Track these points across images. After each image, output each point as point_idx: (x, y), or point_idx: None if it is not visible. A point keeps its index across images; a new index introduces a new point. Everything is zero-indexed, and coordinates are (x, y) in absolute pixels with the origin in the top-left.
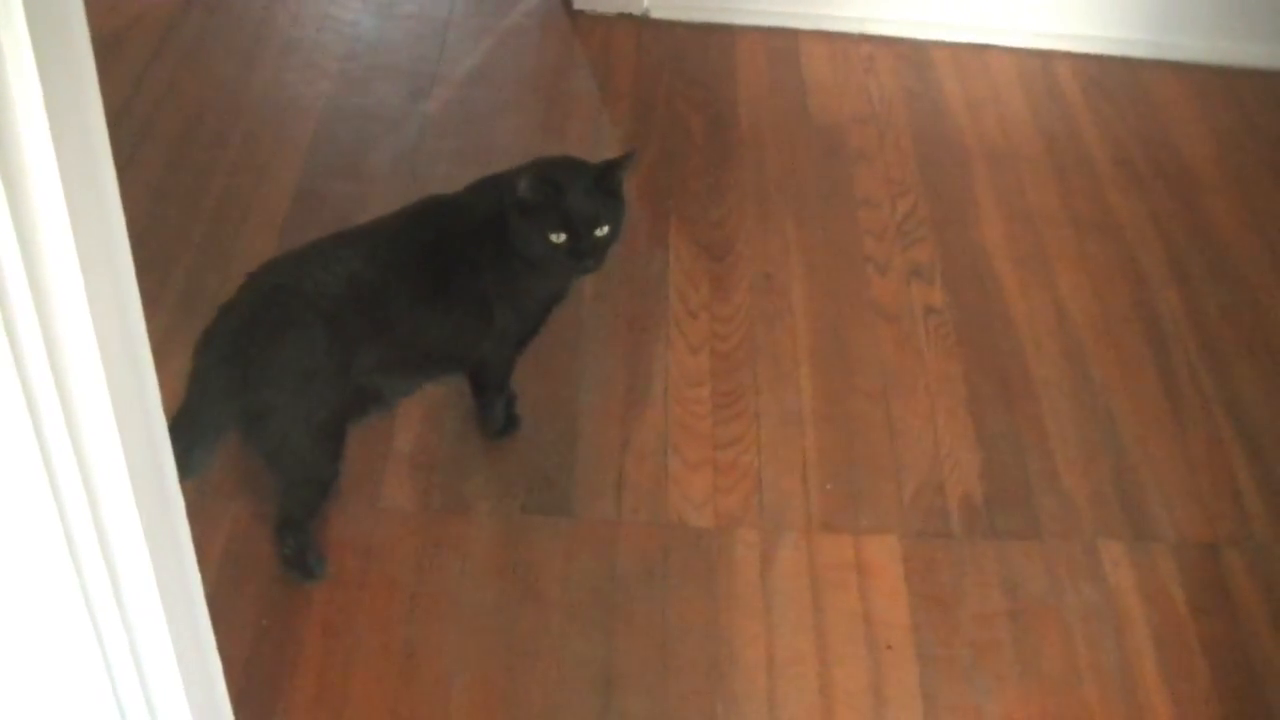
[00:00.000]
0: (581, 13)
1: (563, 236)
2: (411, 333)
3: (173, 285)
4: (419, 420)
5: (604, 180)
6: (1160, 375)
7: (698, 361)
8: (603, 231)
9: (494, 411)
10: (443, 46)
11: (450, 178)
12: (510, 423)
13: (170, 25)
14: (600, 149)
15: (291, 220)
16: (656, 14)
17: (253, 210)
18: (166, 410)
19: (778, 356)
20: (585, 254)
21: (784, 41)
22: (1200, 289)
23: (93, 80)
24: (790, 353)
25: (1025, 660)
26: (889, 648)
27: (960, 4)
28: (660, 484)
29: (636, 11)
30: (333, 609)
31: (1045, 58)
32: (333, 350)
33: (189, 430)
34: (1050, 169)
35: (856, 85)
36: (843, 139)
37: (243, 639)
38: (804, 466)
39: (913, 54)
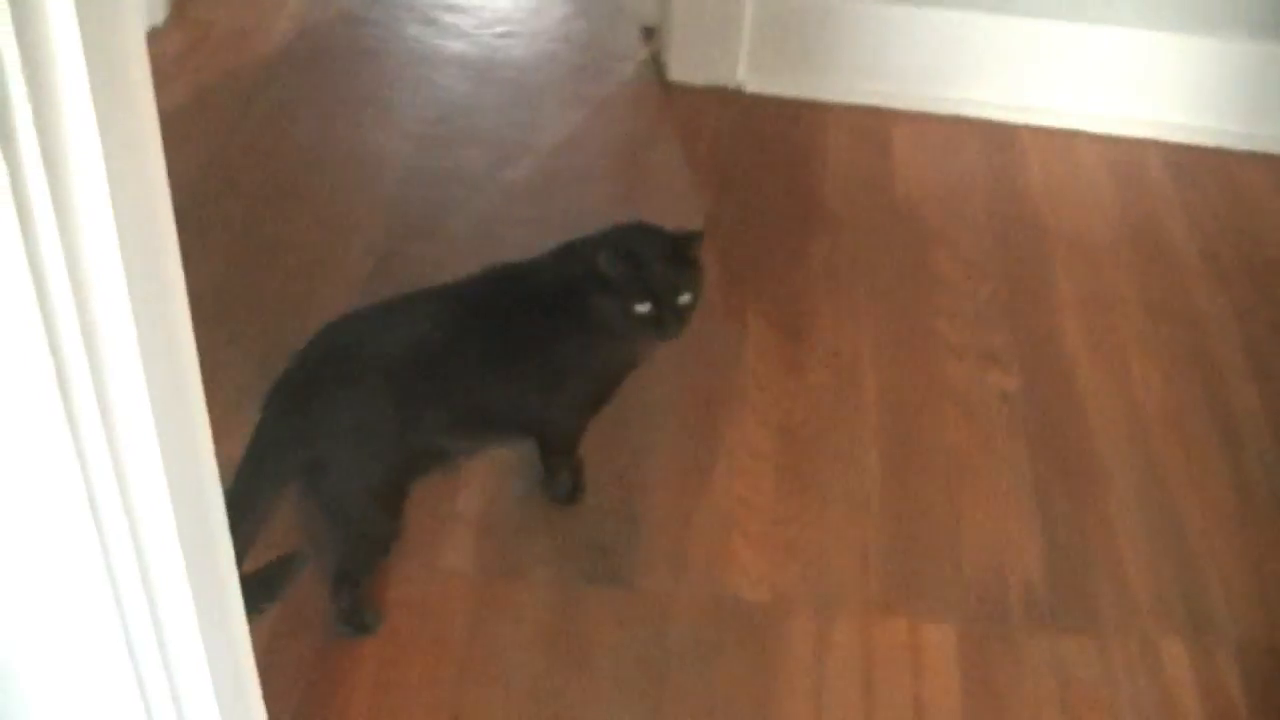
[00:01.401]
0: (676, 84)
1: (647, 306)
2: (477, 397)
3: (248, 342)
4: (482, 482)
5: (682, 249)
6: (1231, 472)
7: (765, 437)
8: (685, 299)
9: (560, 477)
10: (534, 113)
11: (529, 244)
12: (576, 490)
13: (259, 85)
14: (682, 221)
15: (371, 279)
16: (750, 88)
17: (331, 269)
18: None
19: (846, 435)
20: (669, 322)
21: (874, 120)
22: (1279, 386)
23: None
24: (858, 432)
25: None
26: None
27: (1051, 89)
28: (718, 558)
29: (731, 85)
30: (383, 667)
31: (1135, 145)
32: (394, 409)
33: (251, 478)
34: (1132, 257)
35: (942, 166)
36: (924, 220)
37: (292, 693)
38: (864, 547)
39: (1001, 137)
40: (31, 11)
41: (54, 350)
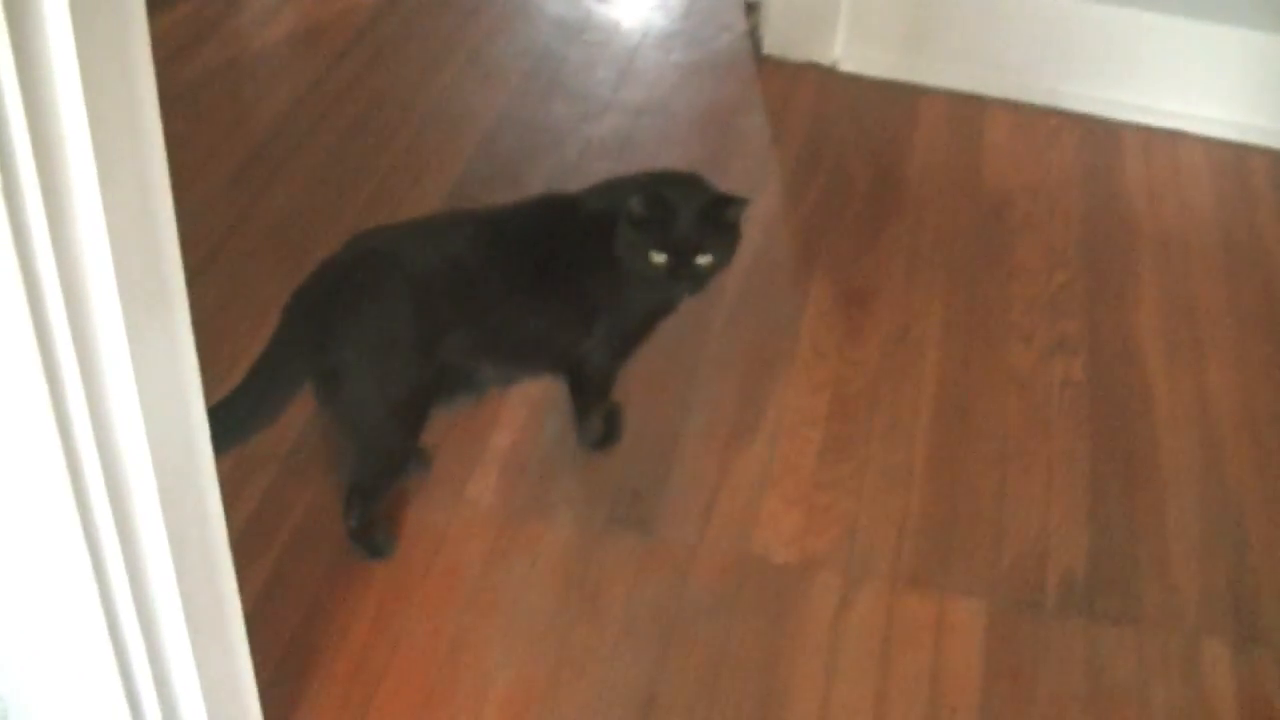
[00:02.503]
0: (769, 57)
1: (664, 257)
2: (505, 322)
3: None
4: (520, 420)
5: (718, 209)
6: None
7: (816, 401)
8: (705, 260)
9: (590, 421)
10: (623, 75)
11: None
12: (609, 436)
13: (367, 25)
14: (762, 190)
15: None
16: (845, 66)
17: (402, 209)
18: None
19: (899, 408)
20: (683, 278)
21: (969, 106)
22: None
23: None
24: (913, 406)
25: None
26: (953, 711)
27: (1156, 86)
28: (751, 516)
29: (825, 61)
30: (391, 591)
31: (1239, 150)
32: (416, 323)
33: (265, 378)
34: (1223, 262)
35: (1035, 157)
36: (1010, 207)
37: (297, 610)
38: (902, 518)
39: (1101, 132)
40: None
41: (45, 353)
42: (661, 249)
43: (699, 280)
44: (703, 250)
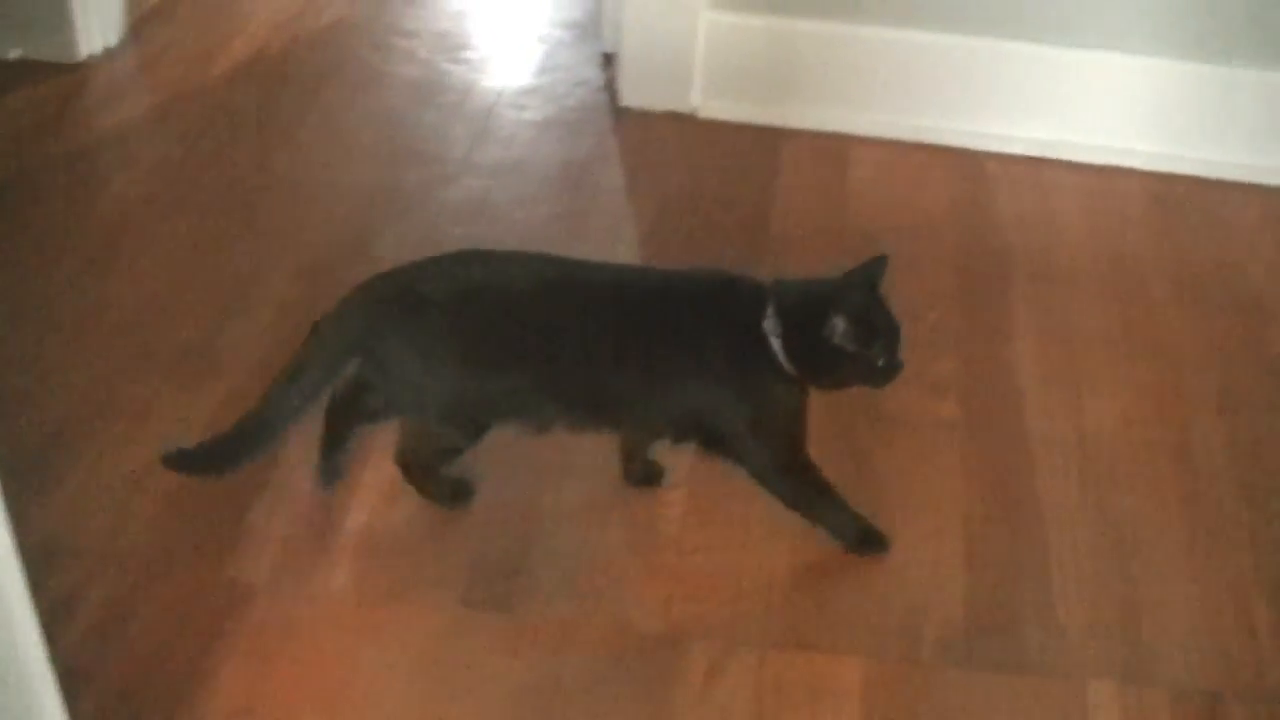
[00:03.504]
0: (627, 109)
1: (882, 360)
2: (580, 376)
3: (164, 358)
4: (371, 502)
5: (876, 288)
6: (1186, 509)
7: (677, 463)
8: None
9: (829, 523)
10: (478, 136)
11: None
12: (870, 542)
13: (217, 102)
14: (619, 246)
15: (294, 300)
16: (704, 113)
17: (264, 286)
18: None
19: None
20: (894, 374)
21: (833, 145)
22: (1249, 422)
23: None
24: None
25: None
26: None
27: (1021, 115)
28: (617, 587)
29: (684, 110)
30: (243, 693)
31: (1110, 174)
32: (454, 348)
33: (305, 362)
34: (1101, 289)
35: (902, 194)
36: (878, 246)
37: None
38: (771, 578)
39: (967, 164)
40: None
41: None
42: (881, 358)
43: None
44: (899, 331)
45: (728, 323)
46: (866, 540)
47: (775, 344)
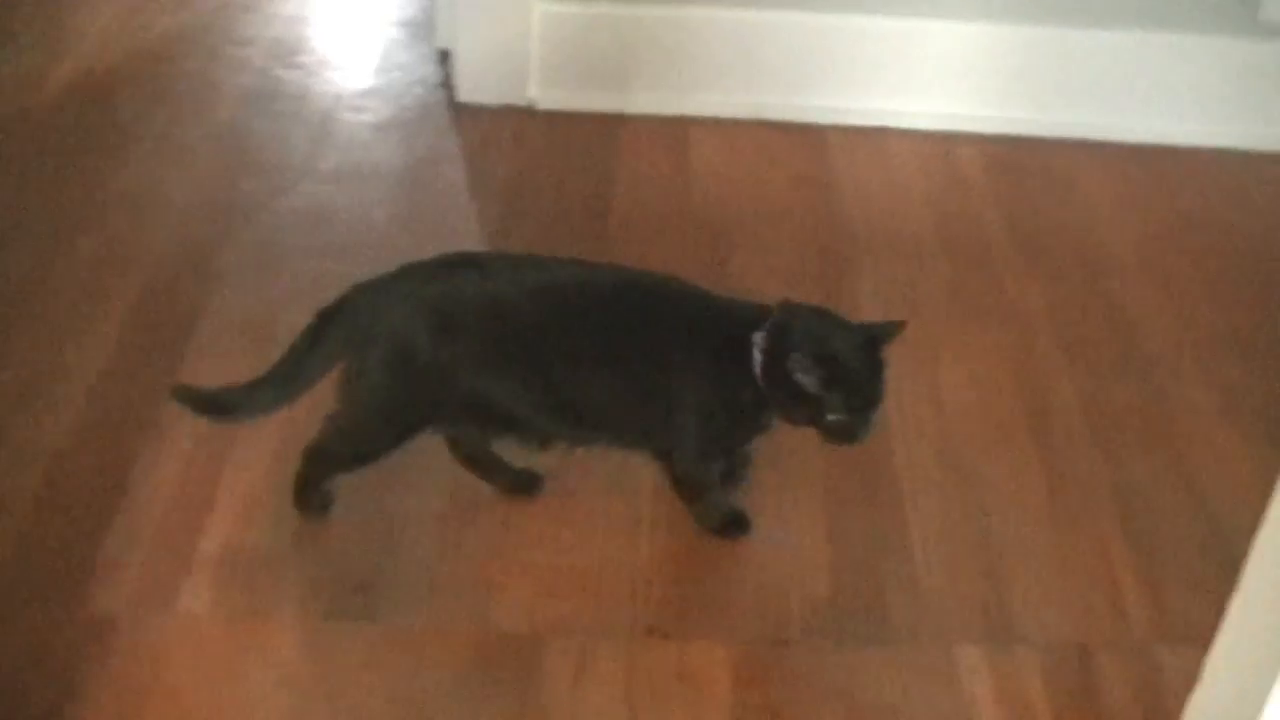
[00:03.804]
0: (466, 105)
1: (837, 415)
2: (566, 385)
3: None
4: (229, 521)
5: (878, 350)
6: (1045, 471)
7: (536, 462)
8: (877, 411)
9: (697, 510)
10: (316, 142)
11: (302, 274)
12: (734, 524)
13: (47, 124)
14: (464, 242)
15: (138, 318)
16: (543, 105)
17: (106, 305)
18: None
19: (620, 457)
20: (860, 430)
21: (673, 129)
22: (1101, 381)
23: None
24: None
25: None
26: None
27: (859, 87)
28: (481, 589)
29: (522, 103)
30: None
31: (948, 140)
32: (433, 349)
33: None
34: (945, 257)
35: (744, 173)
36: (724, 227)
37: None
38: (634, 571)
39: (807, 139)
40: None
41: None
42: (841, 412)
43: (869, 429)
44: (881, 397)
45: (722, 327)
46: (731, 523)
47: (756, 356)
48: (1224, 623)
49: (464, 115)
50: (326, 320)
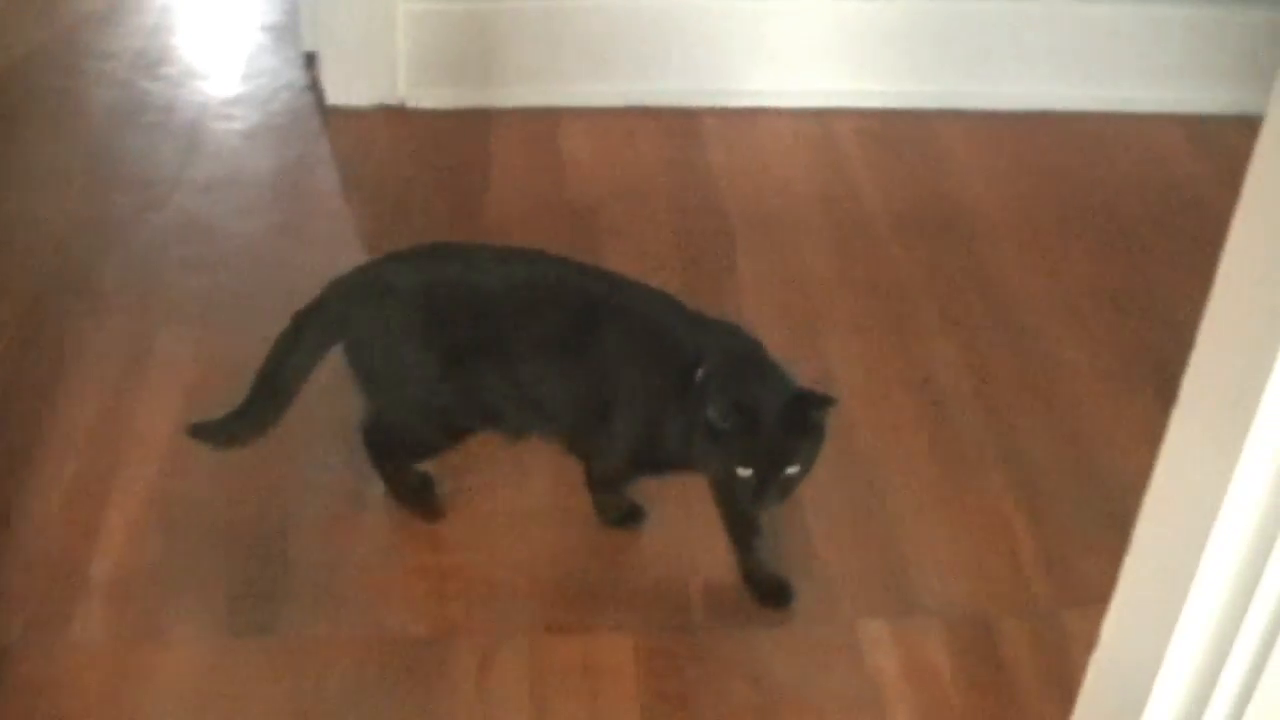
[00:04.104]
0: (335, 108)
1: (749, 472)
2: (528, 375)
3: None
4: (118, 543)
5: (803, 413)
6: (934, 439)
7: (427, 463)
8: (793, 471)
9: (601, 500)
10: (186, 153)
11: (180, 287)
12: (630, 516)
13: None
14: (343, 247)
15: (15, 344)
16: (413, 103)
17: None
18: None
19: (519, 450)
20: (768, 493)
21: (542, 122)
22: (982, 343)
23: None
24: (532, 444)
25: None
26: None
27: (728, 68)
28: (378, 594)
29: (392, 102)
30: None
31: (821, 117)
32: (424, 333)
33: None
34: (825, 231)
35: (616, 161)
36: (597, 217)
37: None
38: (532, 566)
39: (679, 124)
40: None
41: None
42: (747, 464)
43: (786, 491)
44: (791, 461)
45: (678, 357)
46: (628, 515)
47: (699, 376)
48: (1119, 582)
49: (334, 118)
50: (304, 321)
